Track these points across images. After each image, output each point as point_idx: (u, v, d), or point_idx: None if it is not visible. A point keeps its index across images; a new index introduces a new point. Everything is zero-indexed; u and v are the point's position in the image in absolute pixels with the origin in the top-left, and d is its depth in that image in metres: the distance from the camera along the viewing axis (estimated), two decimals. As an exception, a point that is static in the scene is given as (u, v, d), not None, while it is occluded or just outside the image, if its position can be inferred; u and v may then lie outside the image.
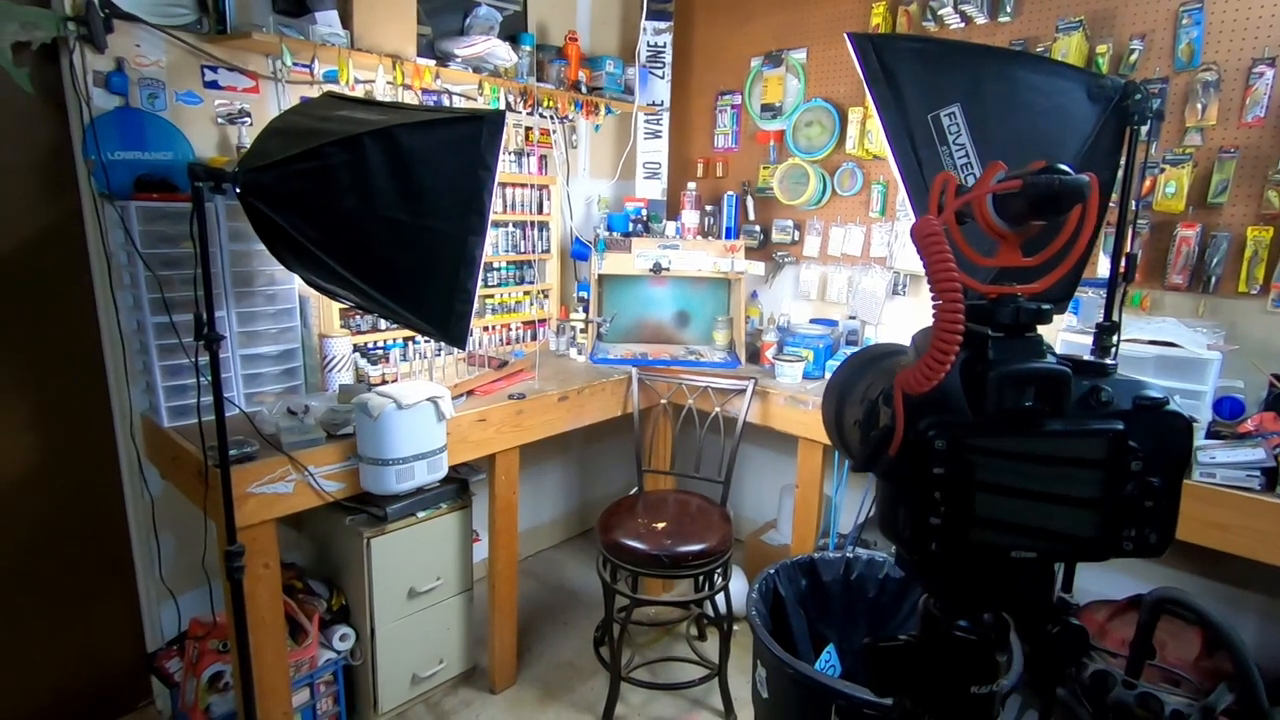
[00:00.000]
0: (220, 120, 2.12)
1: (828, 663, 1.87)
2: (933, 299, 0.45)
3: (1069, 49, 2.24)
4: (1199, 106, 2.08)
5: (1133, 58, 2.18)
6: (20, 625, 2.01)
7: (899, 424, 0.46)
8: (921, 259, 0.46)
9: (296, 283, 2.07)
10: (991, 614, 0.51)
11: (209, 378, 1.56)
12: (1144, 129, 1.57)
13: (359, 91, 2.27)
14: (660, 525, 2.28)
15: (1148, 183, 2.13)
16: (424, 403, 1.90)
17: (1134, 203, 1.77)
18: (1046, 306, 0.49)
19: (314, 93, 2.24)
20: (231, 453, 1.63)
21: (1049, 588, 0.49)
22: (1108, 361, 0.49)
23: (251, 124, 2.16)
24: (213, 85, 2.10)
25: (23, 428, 1.96)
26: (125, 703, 2.22)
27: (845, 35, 1.64)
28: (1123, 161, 1.60)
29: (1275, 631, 2.09)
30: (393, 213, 1.52)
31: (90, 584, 2.12)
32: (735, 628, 2.39)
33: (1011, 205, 0.50)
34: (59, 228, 1.95)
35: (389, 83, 2.26)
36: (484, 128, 1.55)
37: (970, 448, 0.45)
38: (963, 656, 0.51)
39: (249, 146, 1.64)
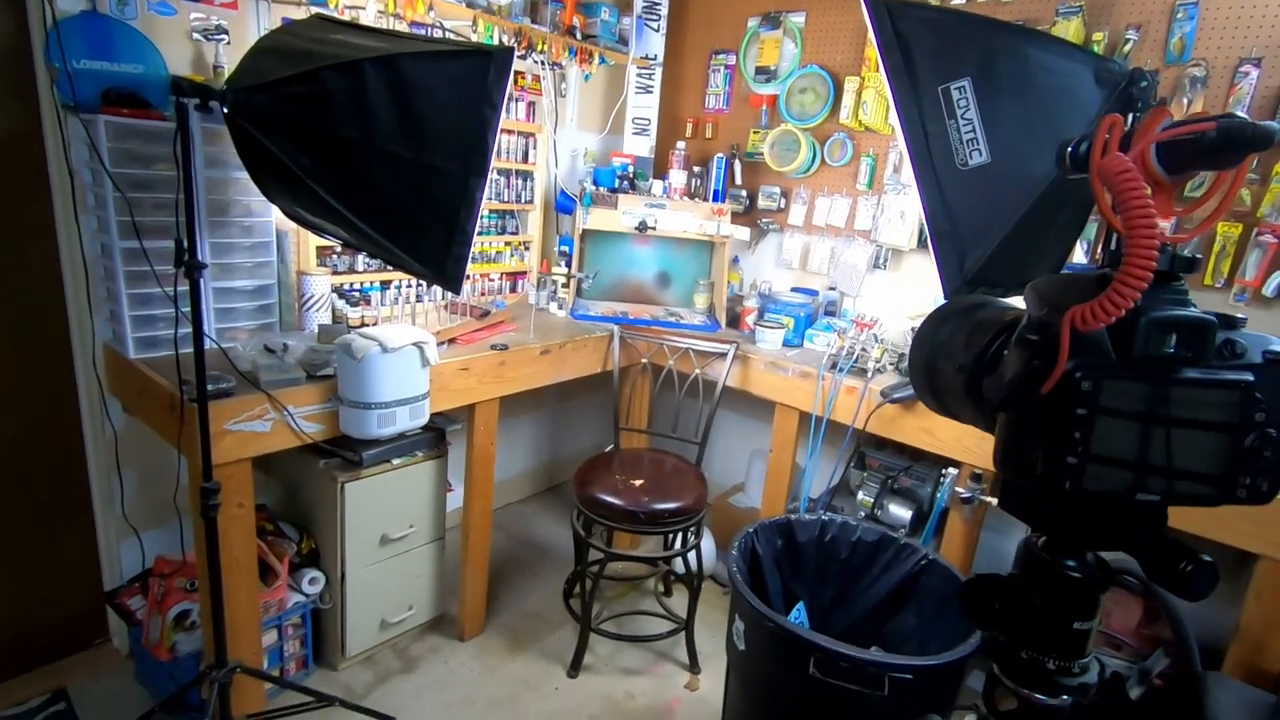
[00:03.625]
0: (195, 35, 1.99)
1: (796, 619, 1.94)
2: (1128, 234, 0.45)
3: (1067, 32, 2.26)
4: (1185, 101, 2.13)
5: (1127, 48, 2.21)
6: (-32, 557, 1.93)
7: (1062, 359, 0.47)
8: (1114, 192, 0.46)
9: (275, 215, 1.98)
10: (1095, 555, 0.53)
11: (187, 308, 1.49)
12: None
13: (347, 17, 2.15)
14: (638, 482, 2.30)
15: (1131, 172, 2.19)
16: (409, 347, 1.86)
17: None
18: (1198, 255, 0.50)
19: (299, 14, 2.11)
20: (208, 388, 1.56)
21: (1164, 529, 0.51)
22: (1238, 315, 0.50)
23: (229, 42, 2.03)
24: (189, -4, 1.96)
25: (-27, 351, 1.85)
26: (80, 640, 2.16)
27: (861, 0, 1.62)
28: (1120, 148, 1.63)
29: (1209, 603, 2.24)
30: (393, 146, 1.46)
31: (45, 519, 2.03)
32: (700, 584, 2.45)
33: (1185, 150, 0.50)
34: (15, 139, 1.82)
35: (380, 11, 2.15)
36: (492, 64, 1.49)
37: (1113, 390, 0.46)
38: (1069, 593, 0.53)
39: (238, 64, 1.54)
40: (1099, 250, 1.81)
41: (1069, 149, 0.57)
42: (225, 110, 1.41)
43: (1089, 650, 0.56)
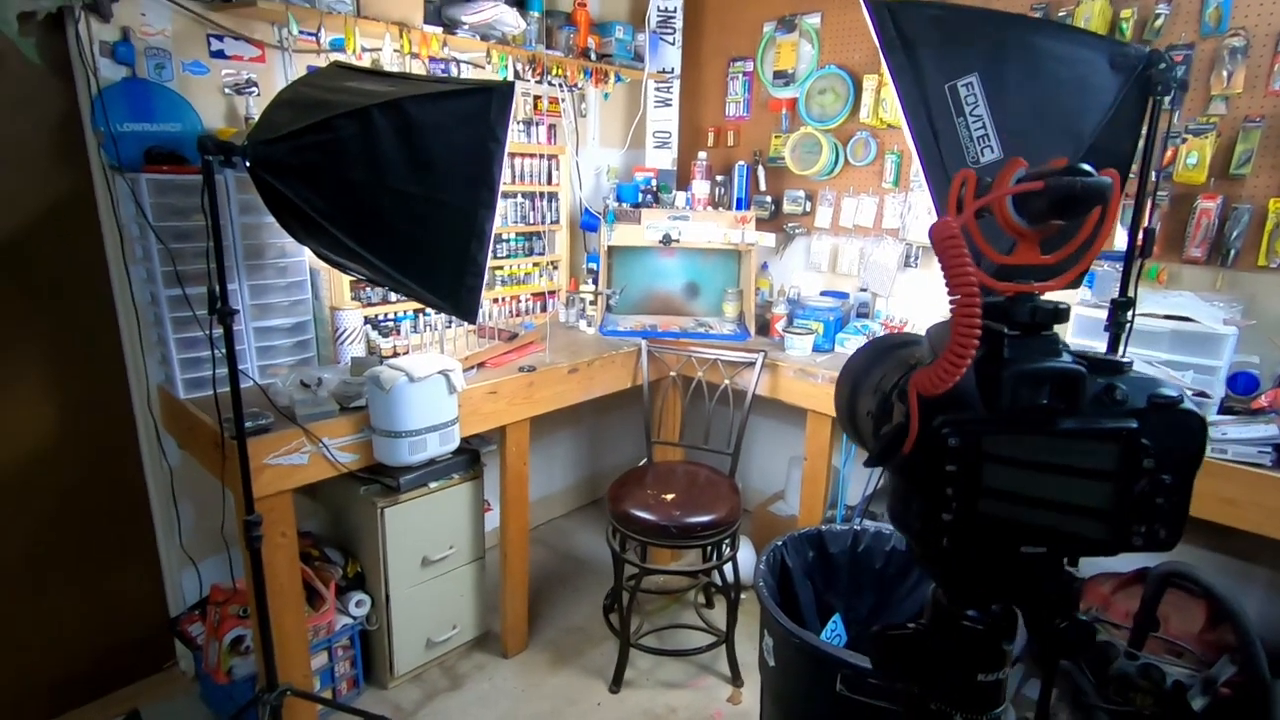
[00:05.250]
0: (227, 90, 2.11)
1: (834, 632, 1.91)
2: (950, 301, 0.45)
3: (1092, 14, 2.17)
4: (1225, 74, 2.02)
5: (1158, 23, 2.11)
6: (50, 590, 2.07)
7: (913, 424, 0.46)
8: (940, 260, 0.45)
9: (307, 255, 2.08)
10: (999, 604, 0.52)
11: (223, 350, 1.58)
12: (1167, 99, 1.53)
13: (366, 60, 2.24)
14: (669, 496, 2.30)
15: (1169, 153, 2.08)
16: (435, 375, 1.92)
17: (1154, 174, 1.73)
18: (1064, 305, 0.49)
19: (321, 61, 2.22)
20: (247, 424, 1.65)
21: (1057, 582, 0.50)
22: (1123, 360, 0.48)
23: (259, 94, 2.15)
24: (219, 55, 2.08)
25: (42, 400, 2.00)
26: (151, 664, 2.30)
27: (861, 1, 1.60)
28: (1144, 132, 1.56)
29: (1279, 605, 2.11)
30: (402, 185, 1.51)
31: (114, 551, 2.17)
32: (742, 596, 2.43)
33: (1031, 204, 0.49)
34: (70, 200, 1.96)
35: (396, 51, 2.23)
36: (494, 99, 1.53)
37: (984, 446, 0.45)
38: (970, 645, 0.52)
39: (258, 118, 1.63)
40: (1140, 238, 1.73)
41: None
42: (247, 164, 1.49)
43: (1003, 701, 0.54)
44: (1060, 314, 0.50)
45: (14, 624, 2.02)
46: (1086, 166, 0.46)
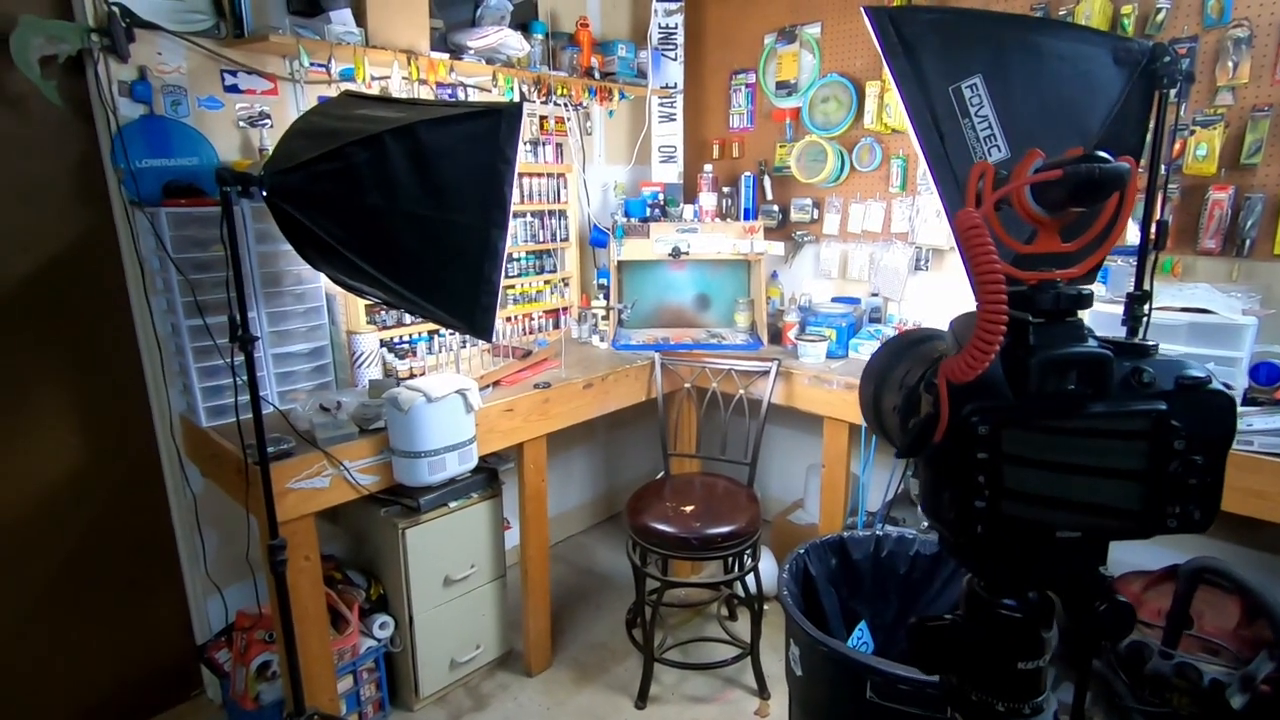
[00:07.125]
0: (241, 123, 2.16)
1: (860, 640, 1.89)
2: (975, 291, 0.45)
3: (1092, 11, 2.18)
4: (1230, 65, 2.02)
5: (1160, 17, 2.11)
6: (78, 620, 2.09)
7: (943, 412, 0.47)
8: (962, 252, 0.46)
9: (323, 281, 2.11)
10: (1036, 592, 0.52)
11: (244, 378, 1.60)
12: (1173, 92, 1.53)
13: (375, 89, 2.28)
14: (688, 508, 2.30)
15: (1178, 146, 2.08)
16: (452, 395, 1.93)
17: (1164, 167, 1.73)
18: (1087, 291, 0.49)
19: (332, 92, 2.26)
20: (269, 450, 1.67)
21: (1095, 566, 0.50)
22: (1149, 343, 0.49)
23: (272, 126, 2.19)
24: (233, 89, 2.13)
25: (67, 431, 2.03)
26: (179, 692, 2.31)
27: (862, 9, 1.62)
28: (1151, 126, 1.56)
29: (1317, 599, 2.06)
30: (415, 208, 1.53)
31: (140, 580, 2.20)
32: (766, 607, 2.41)
33: (1050, 193, 0.50)
34: (92, 236, 2.00)
35: (404, 78, 2.27)
36: (502, 121, 1.56)
37: (1014, 432, 0.45)
38: (1009, 634, 0.52)
39: (273, 149, 1.67)
40: (1154, 231, 1.72)
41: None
42: (264, 193, 1.52)
43: (1044, 689, 0.54)
44: (1084, 299, 0.50)
45: (40, 654, 2.04)
46: (1103, 153, 0.47)
